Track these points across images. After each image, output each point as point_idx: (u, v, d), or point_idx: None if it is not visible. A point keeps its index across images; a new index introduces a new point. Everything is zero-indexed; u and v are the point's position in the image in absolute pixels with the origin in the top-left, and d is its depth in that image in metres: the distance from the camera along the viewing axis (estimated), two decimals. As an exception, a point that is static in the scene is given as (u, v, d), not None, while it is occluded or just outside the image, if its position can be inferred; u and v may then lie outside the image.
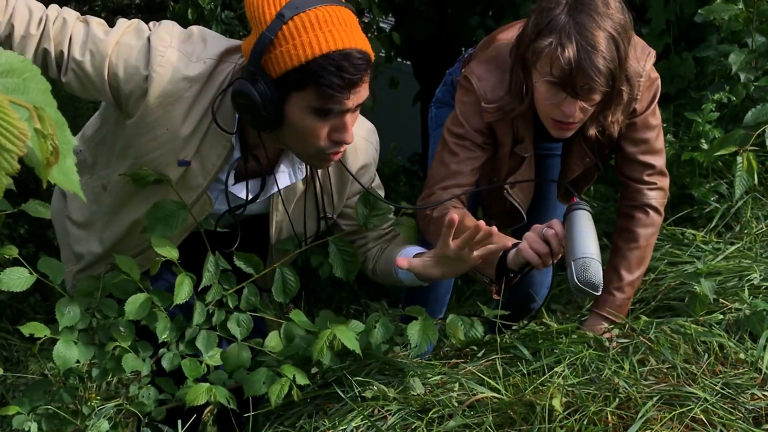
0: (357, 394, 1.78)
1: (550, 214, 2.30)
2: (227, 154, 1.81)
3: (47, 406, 1.75)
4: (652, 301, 2.30)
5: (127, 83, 1.73)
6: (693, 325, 1.92)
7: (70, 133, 0.84)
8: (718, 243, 2.58)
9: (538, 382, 1.69)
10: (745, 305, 2.00)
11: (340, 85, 1.62)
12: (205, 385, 1.79)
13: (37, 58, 1.73)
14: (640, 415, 1.54)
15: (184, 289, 1.78)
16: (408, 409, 1.72)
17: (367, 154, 1.97)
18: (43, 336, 1.70)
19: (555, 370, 1.74)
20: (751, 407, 1.59)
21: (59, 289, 1.75)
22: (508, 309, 1.96)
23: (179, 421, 1.80)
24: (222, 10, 3.79)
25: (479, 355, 1.93)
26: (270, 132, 1.74)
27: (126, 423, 1.97)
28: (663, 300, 2.29)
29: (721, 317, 1.99)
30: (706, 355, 1.79)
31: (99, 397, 1.85)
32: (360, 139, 1.91)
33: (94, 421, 1.76)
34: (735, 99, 3.01)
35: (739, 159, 2.67)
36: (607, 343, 1.87)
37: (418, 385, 1.78)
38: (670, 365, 1.74)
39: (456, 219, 1.70)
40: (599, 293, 1.76)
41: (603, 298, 2.07)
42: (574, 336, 1.92)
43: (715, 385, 1.65)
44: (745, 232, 2.62)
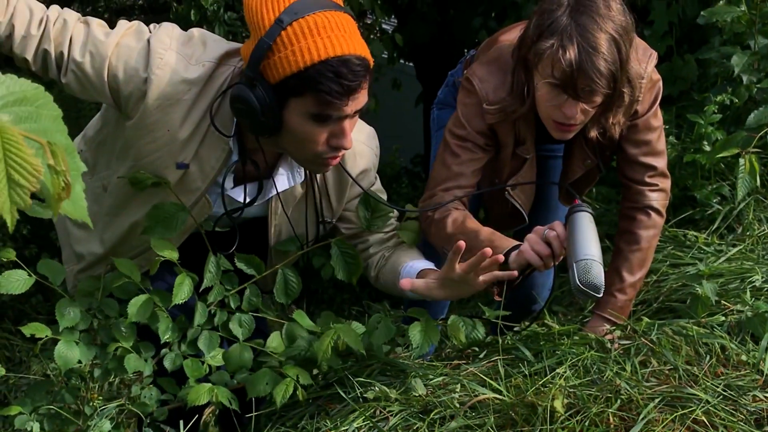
0: (359, 395, 1.78)
1: (551, 215, 2.31)
2: (226, 158, 1.81)
3: (49, 406, 1.75)
4: (654, 303, 2.30)
5: (126, 85, 1.73)
6: (695, 327, 1.92)
7: (79, 158, 0.86)
8: (720, 245, 2.58)
9: (540, 384, 1.69)
10: (747, 307, 2.00)
11: (339, 92, 1.61)
12: (207, 385, 1.79)
13: (37, 58, 1.74)
14: (641, 416, 1.54)
15: (183, 289, 1.79)
16: (410, 410, 1.72)
17: (366, 159, 1.96)
18: (45, 336, 1.71)
19: (557, 371, 1.75)
20: (753, 409, 1.59)
21: (59, 290, 1.75)
22: (509, 310, 1.96)
23: (181, 422, 1.81)
24: (225, 11, 3.79)
25: (481, 356, 1.94)
26: (268, 137, 1.74)
27: (128, 423, 1.97)
28: (665, 302, 2.29)
29: (722, 319, 2.00)
30: (708, 356, 1.79)
31: (101, 397, 1.85)
32: (359, 144, 1.91)
33: (96, 421, 1.77)
34: (737, 101, 3.01)
35: (741, 161, 2.67)
36: (608, 345, 1.87)
37: (419, 386, 1.78)
38: (672, 367, 1.74)
39: (463, 245, 1.69)
40: (601, 295, 1.76)
41: (605, 299, 2.07)
42: (576, 337, 1.92)
43: (717, 386, 1.65)
44: (747, 234, 2.62)
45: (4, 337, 3.82)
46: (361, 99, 1.67)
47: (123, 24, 1.78)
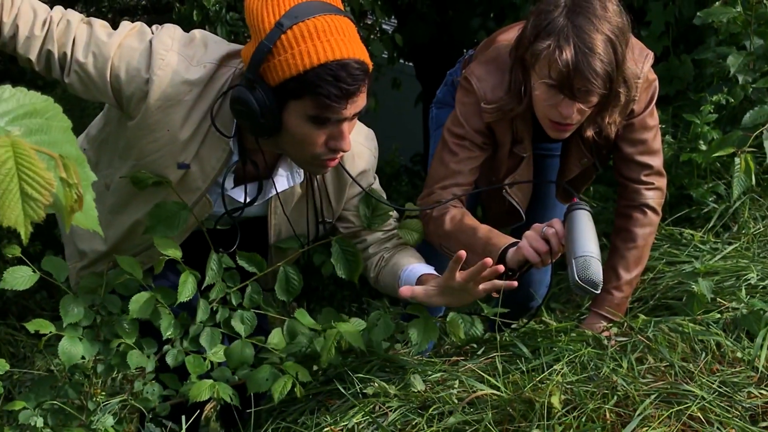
0: (358, 391, 1.79)
1: (548, 213, 2.32)
2: (226, 158, 1.82)
3: (53, 402, 1.76)
4: (651, 300, 2.31)
5: (128, 85, 1.74)
6: (690, 324, 1.93)
7: (89, 168, 0.87)
8: (715, 243, 2.59)
9: (538, 380, 1.71)
10: (743, 304, 2.01)
11: (338, 96, 1.62)
12: (209, 381, 1.80)
13: (40, 58, 1.75)
14: (638, 412, 1.55)
15: (188, 287, 1.80)
16: (408, 406, 1.73)
17: (365, 160, 1.97)
18: (49, 332, 1.72)
19: (554, 367, 1.76)
20: (748, 405, 1.60)
21: (63, 287, 1.77)
22: (507, 307, 1.98)
23: (183, 417, 1.82)
24: (227, 11, 3.80)
25: (479, 352, 1.95)
26: (267, 138, 1.75)
27: (130, 418, 1.99)
28: (661, 299, 2.29)
29: (718, 316, 2.00)
30: (704, 353, 1.80)
31: (104, 392, 1.86)
32: (358, 145, 1.92)
33: (99, 416, 1.78)
34: (733, 101, 3.02)
35: (737, 160, 2.68)
36: (605, 342, 1.88)
37: (418, 382, 1.80)
38: (668, 363, 1.76)
39: (464, 255, 1.71)
40: (599, 291, 1.78)
41: (602, 297, 2.09)
42: (573, 334, 1.94)
43: (713, 383, 1.66)
44: (742, 232, 2.63)
45: (9, 333, 3.83)
46: (359, 102, 1.68)
47: (126, 25, 1.80)
